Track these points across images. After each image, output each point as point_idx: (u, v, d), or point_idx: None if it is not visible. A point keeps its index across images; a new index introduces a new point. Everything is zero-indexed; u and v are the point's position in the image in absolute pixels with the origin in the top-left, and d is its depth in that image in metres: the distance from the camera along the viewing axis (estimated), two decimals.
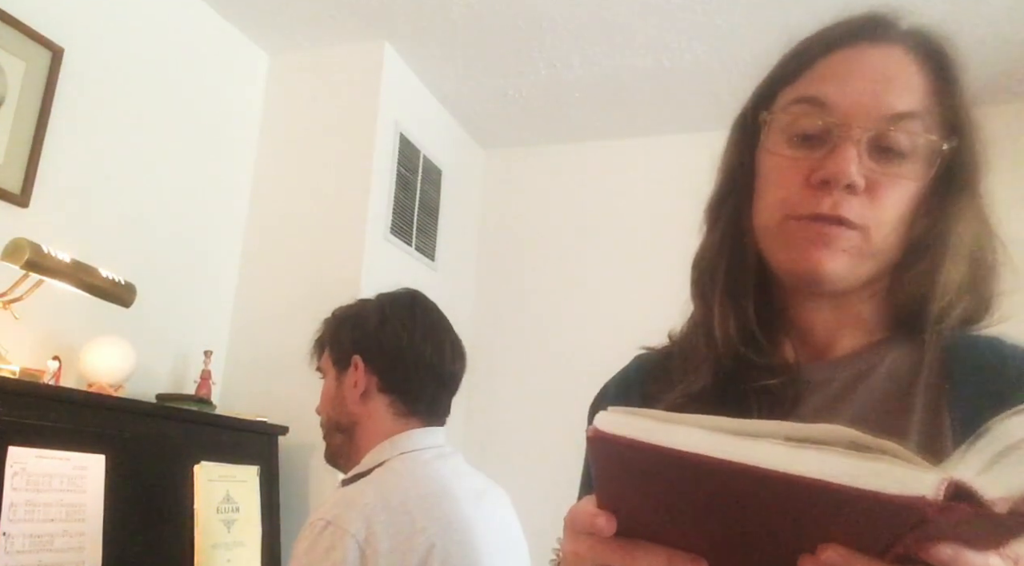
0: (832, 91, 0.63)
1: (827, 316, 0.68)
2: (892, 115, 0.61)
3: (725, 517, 0.43)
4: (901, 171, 0.61)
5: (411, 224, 2.76)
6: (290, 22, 2.52)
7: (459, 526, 1.19)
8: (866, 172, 0.61)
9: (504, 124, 3.15)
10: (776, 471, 0.36)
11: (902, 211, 0.62)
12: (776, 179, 0.65)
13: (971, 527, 0.36)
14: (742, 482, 0.38)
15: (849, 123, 0.61)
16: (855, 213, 0.61)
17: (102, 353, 1.87)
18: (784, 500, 0.38)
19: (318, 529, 1.11)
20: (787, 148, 0.64)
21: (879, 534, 0.37)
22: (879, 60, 0.64)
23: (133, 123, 2.18)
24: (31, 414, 1.51)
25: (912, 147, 0.61)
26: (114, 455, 1.63)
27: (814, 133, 0.63)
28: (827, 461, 0.36)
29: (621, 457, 0.43)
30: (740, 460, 0.37)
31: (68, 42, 1.97)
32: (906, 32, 0.66)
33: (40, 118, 1.89)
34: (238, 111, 2.61)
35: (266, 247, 2.57)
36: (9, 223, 1.79)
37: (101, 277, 1.78)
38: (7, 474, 1.41)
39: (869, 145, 0.61)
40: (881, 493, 0.35)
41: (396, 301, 1.39)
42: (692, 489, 0.42)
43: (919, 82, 0.63)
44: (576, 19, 2.40)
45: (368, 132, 2.55)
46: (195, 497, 1.81)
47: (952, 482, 0.34)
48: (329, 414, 1.38)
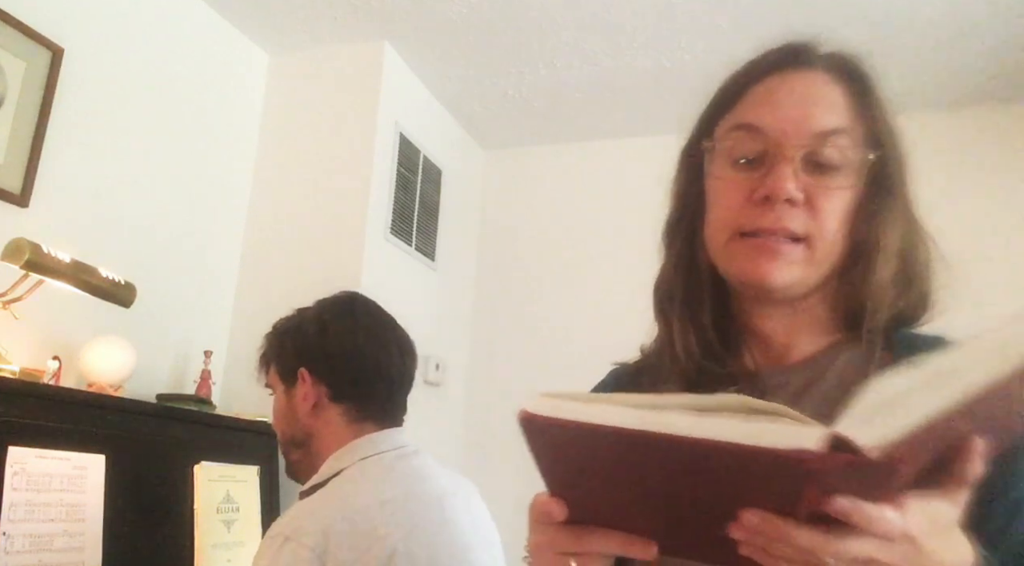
0: (764, 116, 0.69)
1: (783, 322, 0.72)
2: (820, 133, 0.67)
3: (655, 488, 0.47)
4: (835, 183, 0.67)
5: (411, 224, 2.76)
6: (290, 22, 2.52)
7: (424, 529, 1.16)
8: (803, 186, 0.66)
9: (504, 124, 3.15)
10: (681, 436, 0.41)
11: (839, 219, 0.67)
12: (722, 200, 0.71)
13: (857, 479, 0.40)
14: (656, 449, 0.43)
15: (782, 143, 0.67)
16: (797, 224, 0.66)
17: (102, 353, 1.87)
18: (695, 465, 0.43)
19: (277, 545, 1.09)
20: (730, 171, 0.70)
21: (783, 492, 0.41)
22: (804, 84, 0.69)
23: (133, 123, 2.18)
24: (31, 414, 1.51)
25: (842, 160, 0.67)
26: (114, 455, 1.63)
27: (753, 156, 0.69)
28: (724, 424, 0.40)
29: (551, 437, 0.47)
30: (649, 428, 0.42)
31: (68, 42, 1.97)
32: (826, 56, 0.72)
33: (40, 118, 1.89)
34: (238, 111, 2.61)
35: (266, 247, 2.57)
36: (9, 223, 1.79)
37: (101, 277, 1.78)
38: (7, 474, 1.41)
39: (803, 162, 0.66)
40: (770, 448, 0.39)
41: (334, 306, 1.35)
42: (616, 462, 0.46)
43: (842, 101, 0.69)
44: (576, 19, 2.40)
45: (368, 132, 2.55)
46: (195, 497, 1.81)
47: (832, 434, 0.38)
48: (283, 430, 1.34)
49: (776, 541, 0.43)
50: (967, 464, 0.45)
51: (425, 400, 2.78)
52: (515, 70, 2.72)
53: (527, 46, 2.56)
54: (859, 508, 0.41)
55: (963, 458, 0.45)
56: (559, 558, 0.54)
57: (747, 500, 0.43)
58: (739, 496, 0.43)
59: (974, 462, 0.45)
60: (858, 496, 0.41)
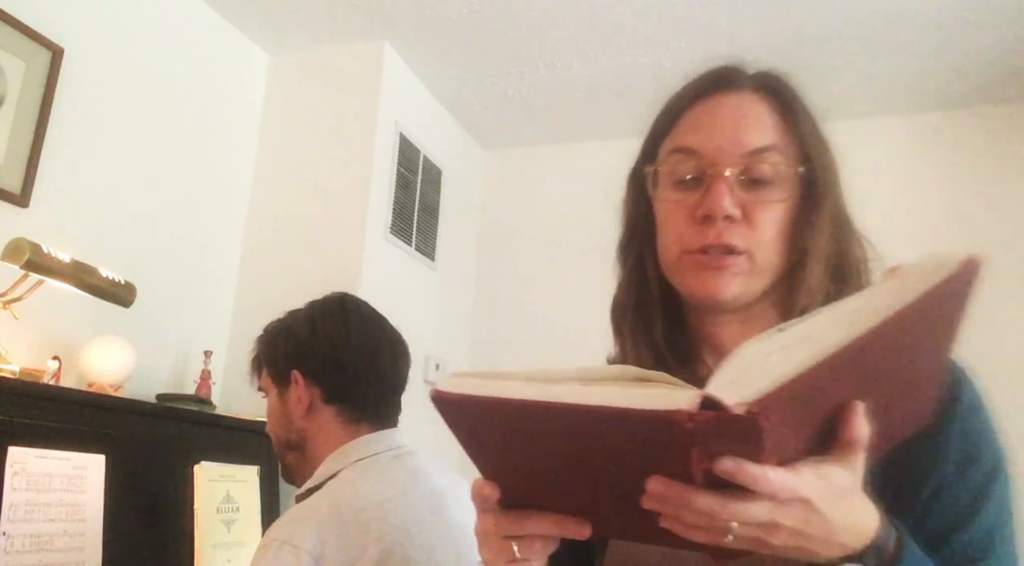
0: (699, 139, 0.73)
1: (736, 329, 0.75)
2: (752, 151, 0.71)
3: (565, 461, 0.50)
4: (769, 197, 0.71)
5: (411, 224, 2.76)
6: (290, 22, 2.52)
7: (420, 530, 1.16)
8: (740, 202, 0.70)
9: (504, 124, 3.15)
10: (568, 403, 0.44)
11: (776, 230, 0.71)
12: (668, 220, 0.75)
13: (732, 438, 0.43)
14: (549, 418, 0.46)
15: (717, 163, 0.71)
16: (737, 239, 0.70)
17: (102, 353, 1.87)
18: (586, 432, 0.46)
19: (274, 550, 1.08)
20: (672, 192, 0.75)
21: (673, 455, 0.44)
22: (733, 105, 0.74)
23: (133, 123, 2.18)
24: (31, 414, 1.51)
25: (774, 175, 0.71)
26: (114, 455, 1.63)
27: (691, 177, 0.73)
28: (607, 392, 0.44)
29: (460, 413, 0.51)
30: (544, 398, 0.45)
31: (68, 42, 1.97)
32: (753, 77, 0.76)
33: (40, 118, 1.89)
34: (238, 111, 2.61)
35: (266, 247, 2.57)
36: (9, 223, 1.79)
37: (101, 277, 1.78)
38: (7, 474, 1.41)
39: (738, 179, 0.71)
40: (644, 409, 0.42)
41: (325, 307, 1.34)
42: (522, 432, 0.50)
43: (770, 119, 0.73)
44: (576, 19, 2.40)
45: (368, 132, 2.55)
46: (195, 497, 1.81)
47: (702, 395, 0.41)
48: (278, 433, 1.34)
49: (680, 507, 0.46)
50: (850, 426, 0.48)
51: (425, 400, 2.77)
52: (515, 70, 2.72)
53: (527, 46, 2.56)
54: (742, 467, 0.43)
55: (845, 421, 0.48)
56: (503, 542, 0.57)
57: (648, 469, 0.46)
58: (641, 466, 0.46)
59: (856, 425, 0.48)
60: (746, 456, 0.43)
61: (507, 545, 0.57)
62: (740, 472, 0.43)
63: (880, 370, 0.49)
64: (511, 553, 0.57)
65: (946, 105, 2.74)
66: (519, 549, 0.57)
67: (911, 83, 2.62)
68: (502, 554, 0.58)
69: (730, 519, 0.45)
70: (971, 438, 0.65)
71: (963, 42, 2.37)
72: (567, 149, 3.26)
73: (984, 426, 0.66)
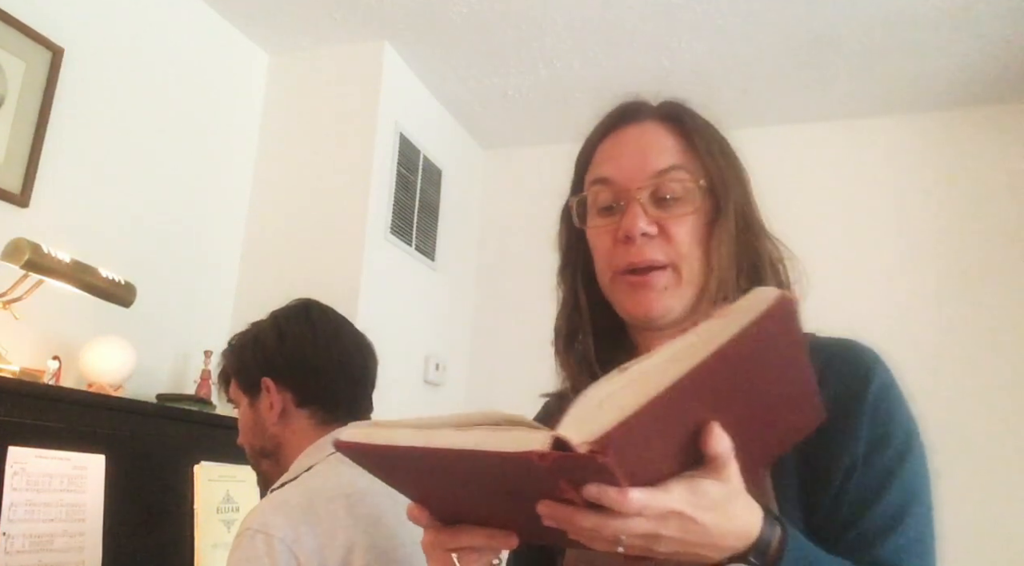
0: (610, 168, 0.80)
1: None
2: (657, 172, 0.78)
3: (464, 489, 0.57)
4: (680, 211, 0.77)
5: (411, 224, 2.76)
6: (290, 22, 2.52)
7: (387, 522, 1.18)
8: (655, 219, 0.76)
9: (504, 124, 3.15)
10: (443, 447, 0.50)
11: (692, 241, 0.77)
12: (596, 243, 0.82)
13: (587, 471, 0.47)
14: (432, 460, 0.52)
15: (628, 188, 0.78)
16: (658, 254, 0.76)
17: (102, 353, 1.87)
18: (465, 469, 0.52)
19: (248, 538, 1.10)
20: (597, 220, 0.81)
21: (546, 486, 0.49)
22: (638, 135, 0.81)
23: (133, 123, 2.18)
24: (31, 414, 1.51)
25: (682, 191, 0.77)
26: (114, 455, 1.63)
27: (609, 204, 0.80)
28: (477, 436, 0.48)
29: (362, 457, 0.59)
30: (422, 444, 0.51)
31: (68, 42, 1.97)
32: (656, 108, 0.84)
33: (40, 118, 1.90)
34: (238, 111, 2.61)
35: (266, 247, 2.57)
36: (9, 223, 1.79)
37: (101, 277, 1.78)
38: (7, 474, 1.41)
39: (651, 199, 0.77)
40: (505, 452, 0.47)
41: (290, 314, 1.35)
42: (416, 471, 0.57)
43: (671, 143, 0.80)
44: (576, 19, 2.40)
45: (368, 132, 2.55)
46: (195, 497, 1.81)
47: (554, 436, 0.45)
48: (251, 442, 1.35)
49: (570, 525, 0.51)
50: (708, 443, 0.52)
51: (425, 400, 2.78)
52: (515, 70, 2.72)
53: (527, 46, 2.56)
54: (605, 492, 0.48)
55: (704, 440, 0.52)
56: (444, 554, 0.63)
57: (537, 495, 0.51)
58: (529, 493, 0.51)
59: (713, 440, 0.52)
60: (604, 483, 0.48)
61: (447, 557, 0.63)
62: (603, 497, 0.48)
63: (726, 394, 0.53)
64: (452, 564, 0.63)
65: (946, 105, 2.74)
66: (458, 560, 0.63)
67: (911, 83, 2.62)
68: (445, 565, 0.64)
69: (614, 534, 0.50)
70: (881, 422, 0.69)
71: (963, 42, 2.37)
72: (567, 149, 3.24)
73: (894, 407, 0.70)
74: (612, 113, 0.86)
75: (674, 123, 0.81)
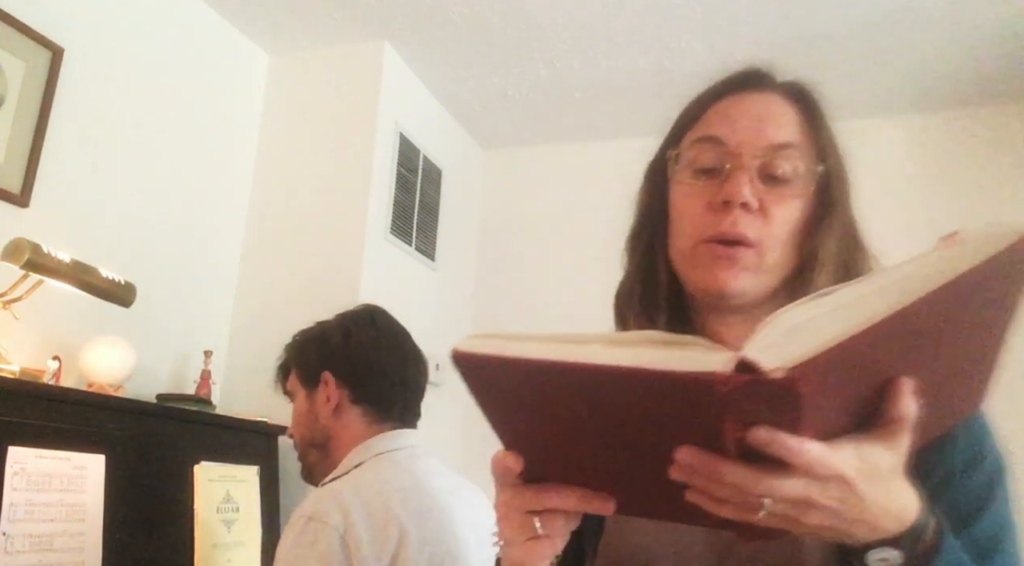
0: (724, 130, 0.75)
1: (739, 329, 0.75)
2: (773, 145, 0.73)
3: (589, 428, 0.48)
4: (786, 192, 0.72)
5: (411, 224, 2.76)
6: (290, 22, 2.52)
7: (434, 516, 1.24)
8: (758, 194, 0.71)
9: (504, 124, 3.15)
10: (599, 364, 0.42)
11: (790, 228, 0.72)
12: (684, 206, 0.76)
13: (768, 406, 0.40)
14: (575, 379, 0.44)
15: (740, 154, 0.72)
16: (752, 229, 0.71)
17: (102, 353, 1.87)
18: (614, 395, 0.44)
19: (300, 525, 1.15)
20: (691, 179, 0.76)
21: (704, 423, 0.42)
22: (759, 103, 0.76)
23: (133, 123, 2.18)
24: (31, 414, 1.51)
25: (793, 172, 0.73)
26: (114, 455, 1.63)
27: (712, 165, 0.74)
28: (638, 352, 0.42)
29: (481, 374, 0.49)
30: (568, 359, 0.43)
31: (68, 42, 1.97)
32: (782, 82, 0.80)
33: (40, 118, 1.89)
34: (238, 111, 2.61)
35: (266, 247, 2.57)
36: (9, 223, 1.79)
37: (101, 277, 1.78)
38: (7, 474, 1.41)
39: (758, 172, 0.72)
40: (678, 372, 0.40)
41: (357, 317, 1.43)
42: (545, 396, 0.48)
43: (792, 120, 0.75)
44: (576, 19, 2.40)
45: (368, 132, 2.55)
46: (195, 497, 1.81)
47: (739, 358, 0.39)
48: (303, 433, 1.42)
49: (710, 479, 0.44)
50: (895, 403, 0.46)
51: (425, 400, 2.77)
52: (515, 70, 2.72)
53: (527, 46, 2.56)
54: (778, 437, 0.41)
55: (891, 398, 0.46)
56: (523, 517, 0.55)
57: (678, 438, 0.44)
58: (669, 435, 0.44)
59: (902, 401, 0.46)
60: (782, 426, 0.41)
61: (529, 520, 0.55)
62: (775, 443, 0.41)
63: (930, 346, 0.46)
64: (533, 528, 0.55)
65: (946, 105, 2.74)
66: (541, 524, 0.55)
67: (911, 83, 2.62)
68: (523, 529, 0.56)
69: (763, 494, 0.44)
70: (977, 439, 0.65)
71: (963, 42, 2.37)
72: (567, 149, 3.26)
73: (987, 430, 0.66)
74: (734, 75, 0.80)
75: (799, 101, 0.77)
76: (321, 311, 1.48)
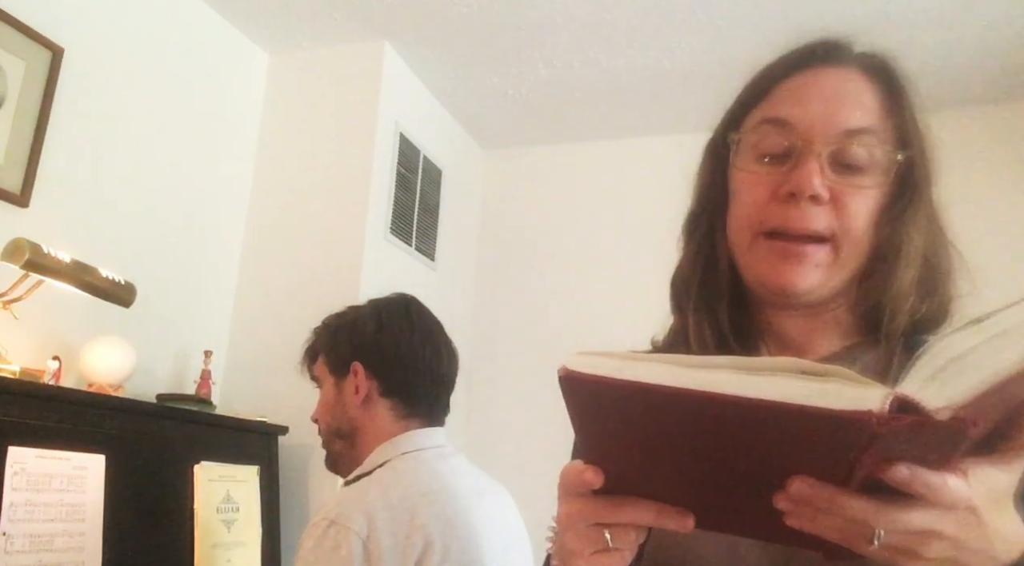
0: (793, 111, 0.67)
1: (801, 323, 0.71)
2: (848, 131, 0.65)
3: (697, 453, 0.44)
4: (861, 182, 0.65)
5: (411, 224, 2.76)
6: (290, 22, 2.52)
7: (460, 522, 1.20)
8: (829, 184, 0.65)
9: (504, 124, 3.15)
10: (732, 395, 0.38)
11: (865, 220, 0.66)
12: (746, 195, 0.69)
13: (921, 444, 0.37)
14: (703, 409, 0.40)
15: (810, 139, 0.65)
16: (822, 223, 0.65)
17: (102, 353, 1.87)
18: (743, 426, 0.40)
19: (322, 528, 1.12)
20: (755, 165, 0.68)
21: (837, 457, 0.39)
22: (834, 81, 0.68)
23: (133, 123, 2.18)
24: (31, 414, 1.51)
25: (869, 160, 0.65)
26: (114, 455, 1.63)
27: (779, 151, 0.67)
28: (779, 385, 0.38)
29: (592, 396, 0.45)
30: (699, 388, 0.39)
31: (68, 42, 1.97)
32: (858, 55, 0.71)
33: (40, 118, 1.89)
34: (238, 111, 2.61)
35: (266, 247, 2.57)
36: (9, 223, 1.79)
37: (101, 277, 1.78)
38: (7, 474, 1.41)
39: (830, 159, 0.65)
40: (830, 409, 0.36)
41: (391, 306, 1.40)
42: (661, 422, 0.43)
43: (871, 100, 0.68)
44: (576, 19, 2.40)
45: (368, 132, 2.55)
46: (195, 497, 1.81)
47: (896, 396, 0.36)
48: (328, 422, 1.38)
49: (827, 512, 0.41)
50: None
51: None
52: (515, 70, 2.72)
53: (527, 46, 2.56)
54: (920, 476, 0.39)
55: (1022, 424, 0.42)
56: (592, 530, 0.51)
57: (796, 467, 0.41)
58: (787, 463, 0.41)
59: None
60: (917, 463, 0.39)
61: (598, 533, 0.51)
62: (916, 482, 0.39)
63: None
64: (602, 541, 0.51)
65: (946, 105, 2.73)
66: (612, 537, 0.50)
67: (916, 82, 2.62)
68: (591, 542, 0.51)
69: (884, 527, 0.41)
70: None
71: (964, 42, 2.37)
72: (567, 149, 3.26)
73: None
74: (805, 48, 0.71)
75: (879, 79, 0.69)
76: (321, 311, 1.48)
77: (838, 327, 0.71)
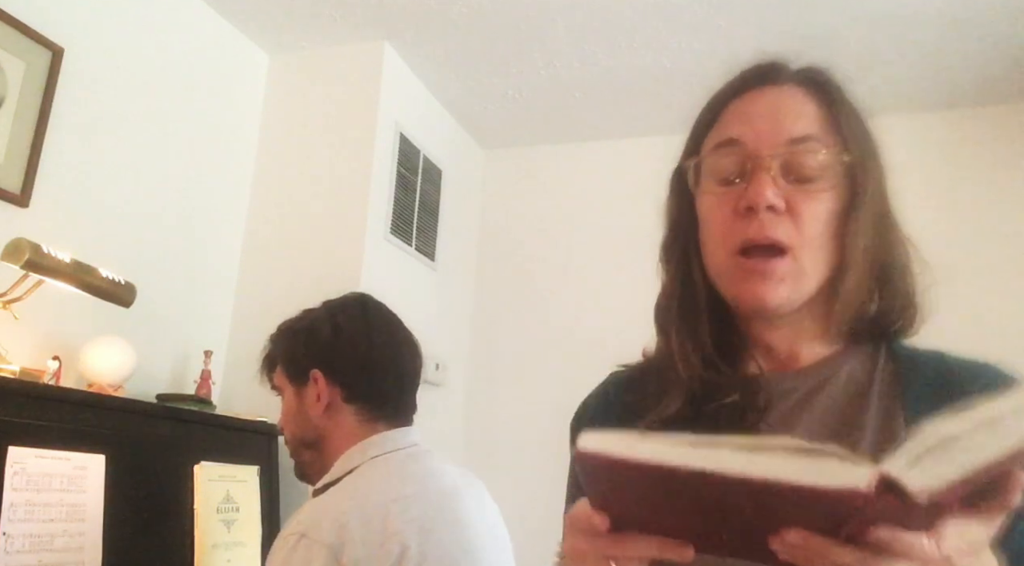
0: (741, 130, 0.72)
1: (785, 332, 0.74)
2: (793, 139, 0.70)
3: (699, 516, 0.50)
4: (813, 188, 0.69)
5: (411, 224, 2.76)
6: (290, 22, 2.52)
7: (436, 527, 1.17)
8: (784, 194, 0.68)
9: (504, 124, 3.15)
10: (734, 475, 0.43)
11: (822, 225, 0.69)
12: (713, 215, 0.73)
13: (901, 516, 0.42)
14: (708, 485, 0.45)
15: (759, 153, 0.69)
16: (781, 232, 0.68)
17: (102, 353, 1.87)
18: (744, 497, 0.45)
19: (292, 542, 1.09)
20: (716, 187, 0.73)
21: (827, 521, 0.44)
22: (775, 97, 0.73)
23: (133, 123, 2.18)
24: (31, 414, 1.51)
25: (818, 166, 0.69)
26: (114, 455, 1.63)
27: (734, 169, 0.71)
28: (776, 463, 0.42)
29: (606, 471, 0.49)
30: (703, 467, 0.44)
31: (68, 42, 1.97)
32: (795, 71, 0.76)
33: (40, 118, 1.89)
34: (238, 111, 2.61)
35: (266, 247, 2.57)
36: (9, 223, 1.79)
37: (101, 277, 1.78)
38: (7, 474, 1.41)
39: (782, 171, 0.69)
40: (821, 487, 0.41)
41: (346, 307, 1.34)
42: (668, 493, 0.48)
43: (812, 110, 0.72)
44: (576, 19, 2.40)
45: (368, 132, 2.55)
46: (195, 497, 1.81)
47: (882, 476, 0.40)
48: (293, 431, 1.34)
49: (817, 558, 0.46)
50: (1011, 495, 0.46)
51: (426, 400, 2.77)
52: (515, 70, 2.72)
53: (527, 46, 2.56)
54: (898, 539, 0.43)
55: (1006, 489, 0.46)
56: (601, 562, 0.55)
57: (789, 522, 0.45)
58: (782, 519, 0.46)
59: (1016, 494, 0.46)
60: (899, 526, 0.43)
61: (605, 564, 0.55)
62: (895, 543, 0.43)
63: None
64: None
65: (946, 105, 2.73)
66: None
67: (913, 83, 2.62)
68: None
69: None
70: None
71: (966, 41, 2.37)
72: (567, 149, 3.26)
73: None
74: (746, 72, 0.77)
75: (816, 90, 0.73)
76: None
77: (822, 333, 0.74)
